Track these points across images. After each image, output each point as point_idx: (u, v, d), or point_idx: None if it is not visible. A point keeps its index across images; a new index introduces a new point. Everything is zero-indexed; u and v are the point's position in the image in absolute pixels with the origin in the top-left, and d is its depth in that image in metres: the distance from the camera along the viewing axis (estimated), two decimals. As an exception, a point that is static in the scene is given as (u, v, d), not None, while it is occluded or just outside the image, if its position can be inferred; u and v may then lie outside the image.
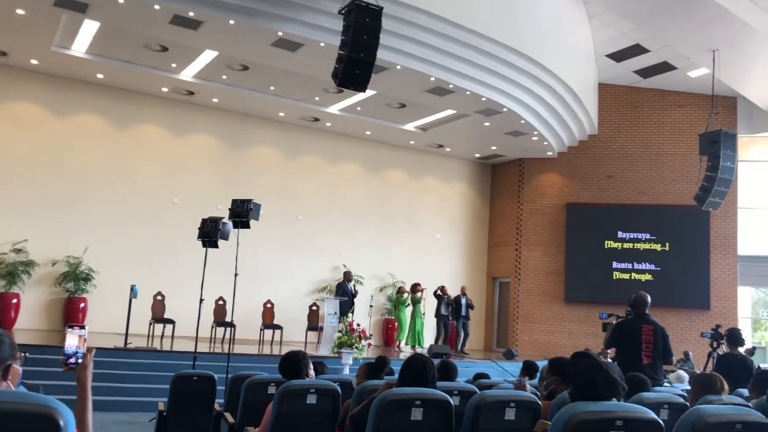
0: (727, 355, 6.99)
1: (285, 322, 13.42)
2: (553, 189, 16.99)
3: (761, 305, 16.96)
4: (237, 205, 8.89)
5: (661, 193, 15.97)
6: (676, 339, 13.46)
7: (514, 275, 17.14)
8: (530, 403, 3.72)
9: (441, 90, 12.33)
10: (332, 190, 15.75)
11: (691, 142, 14.68)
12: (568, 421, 2.42)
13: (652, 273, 15.72)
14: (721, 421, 2.61)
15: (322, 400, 4.21)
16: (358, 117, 14.62)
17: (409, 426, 3.36)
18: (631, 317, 6.42)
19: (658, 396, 4.09)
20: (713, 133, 11.85)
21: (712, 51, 12.54)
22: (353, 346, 10.62)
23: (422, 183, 17.20)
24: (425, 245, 16.99)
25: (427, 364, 3.70)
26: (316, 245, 15.30)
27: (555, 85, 13.22)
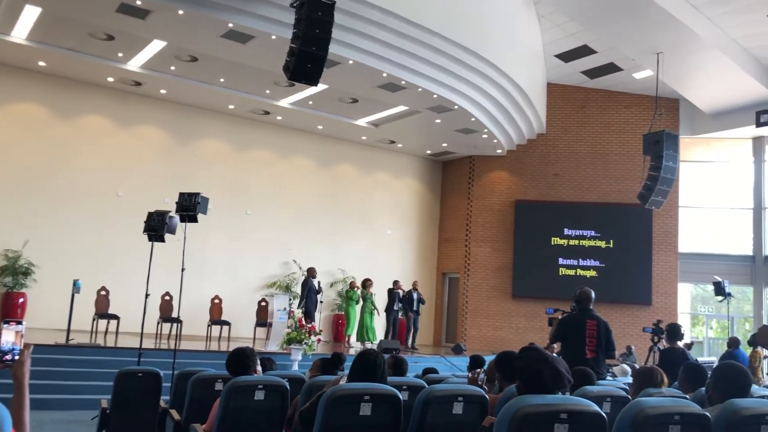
0: (668, 349, 7.21)
1: (233, 318, 13.26)
2: (502, 186, 17.23)
3: (700, 301, 17.56)
4: (184, 198, 8.72)
5: (607, 191, 16.37)
6: (619, 334, 13.82)
7: (463, 271, 17.32)
8: (478, 398, 3.77)
9: (393, 86, 12.35)
10: (282, 184, 15.62)
11: (636, 142, 15.09)
12: (514, 414, 2.46)
13: (597, 269, 16.11)
14: (660, 413, 2.69)
15: (271, 397, 4.18)
16: (310, 111, 14.52)
17: (358, 421, 3.36)
18: (575, 312, 6.56)
19: (602, 389, 4.18)
20: (656, 134, 12.19)
21: (657, 54, 12.90)
22: (302, 342, 10.56)
23: (374, 178, 17.22)
24: (376, 241, 17.02)
25: (378, 359, 3.70)
26: (265, 240, 15.15)
27: (505, 83, 13.39)
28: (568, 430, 2.51)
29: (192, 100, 14.16)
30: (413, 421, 3.64)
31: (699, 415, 2.79)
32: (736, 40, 13.08)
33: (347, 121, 15.15)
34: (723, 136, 16.17)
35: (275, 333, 11.78)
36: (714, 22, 12.38)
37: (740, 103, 14.94)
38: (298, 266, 15.34)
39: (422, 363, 10.70)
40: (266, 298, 13.94)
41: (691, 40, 12.32)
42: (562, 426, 2.51)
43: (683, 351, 7.07)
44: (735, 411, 2.92)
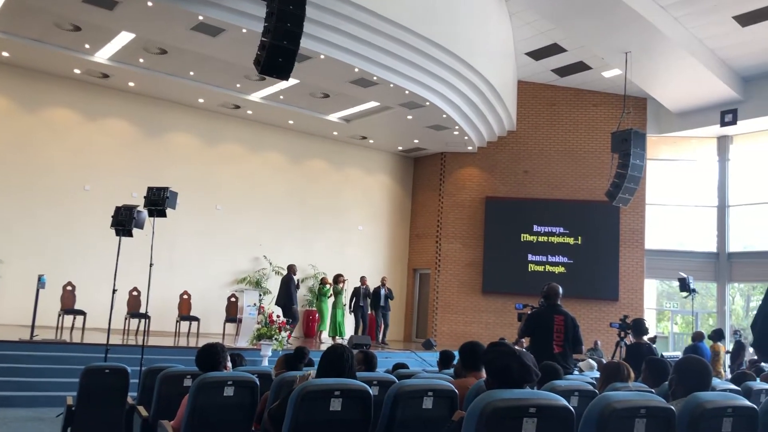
0: (634, 344, 7.34)
1: (202, 313, 13.15)
2: (472, 183, 17.33)
3: (665, 297, 17.89)
4: (153, 193, 8.61)
5: (575, 188, 16.56)
6: (587, 329, 14.04)
7: (434, 267, 17.40)
8: (447, 392, 3.79)
9: (365, 81, 12.33)
10: (253, 179, 15.51)
11: (604, 140, 15.29)
12: (483, 409, 2.48)
13: (565, 265, 16.30)
14: (626, 407, 2.73)
15: (240, 393, 4.15)
16: (281, 106, 14.43)
17: (328, 417, 3.36)
18: (543, 308, 6.63)
19: (569, 384, 4.24)
20: (624, 132, 12.37)
21: (625, 53, 13.08)
22: (273, 338, 10.50)
23: (345, 174, 17.18)
24: (347, 236, 17.00)
25: (345, 354, 3.70)
26: (235, 236, 15.04)
27: (476, 81, 13.45)
28: (536, 424, 2.54)
29: (161, 93, 13.97)
30: (383, 416, 3.65)
31: (664, 408, 2.85)
32: (702, 40, 13.32)
33: (318, 116, 15.09)
34: (689, 134, 16.48)
35: (245, 329, 11.71)
36: (681, 22, 12.59)
37: (705, 102, 15.23)
38: (269, 262, 15.27)
39: (392, 358, 10.73)
40: (236, 294, 13.83)
41: (659, 40, 12.52)
42: (531, 420, 2.54)
43: (649, 346, 7.20)
44: (698, 404, 2.99)
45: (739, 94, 14.81)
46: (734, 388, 4.63)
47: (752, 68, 14.49)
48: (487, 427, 2.45)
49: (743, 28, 12.61)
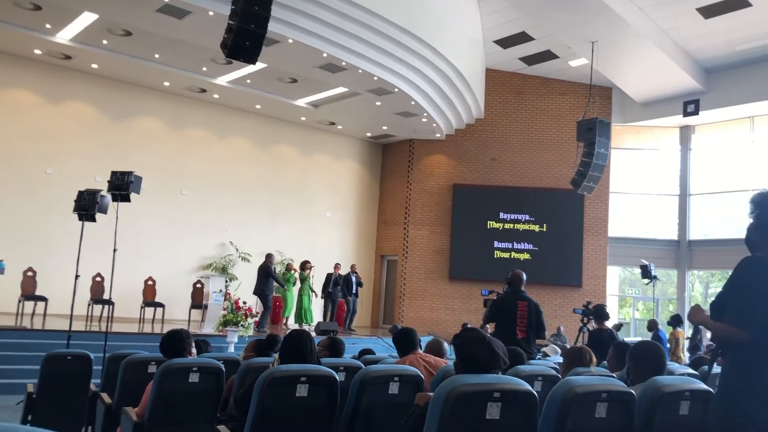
0: (596, 330, 7.48)
1: (167, 299, 13.00)
2: (440, 170, 17.40)
3: (627, 284, 18.24)
4: (117, 177, 8.46)
5: (541, 176, 16.74)
6: (551, 315, 14.26)
7: (401, 253, 17.46)
8: (413, 377, 3.82)
9: (333, 67, 12.26)
10: (219, 164, 15.34)
11: (570, 128, 15.45)
12: (449, 393, 2.51)
13: (530, 252, 16.50)
14: (588, 391, 2.79)
15: (205, 379, 4.13)
16: (248, 90, 14.28)
17: (293, 402, 3.36)
18: (507, 294, 6.71)
19: (533, 369, 4.31)
20: (590, 121, 12.52)
21: (592, 43, 13.21)
22: (239, 324, 10.46)
23: (313, 160, 17.10)
24: (315, 223, 16.96)
25: (305, 339, 3.70)
26: (201, 221, 14.88)
27: (445, 68, 13.47)
28: (500, 408, 2.58)
29: (125, 75, 13.70)
30: (349, 401, 3.67)
31: (624, 392, 2.92)
32: (667, 32, 13.52)
33: (286, 101, 14.96)
34: (652, 124, 16.75)
35: (211, 315, 11.64)
36: (646, 13, 12.75)
37: (669, 93, 15.48)
38: (235, 248, 15.16)
39: (359, 344, 10.77)
40: (202, 280, 13.72)
41: (624, 30, 12.67)
42: (495, 404, 2.57)
43: (611, 332, 7.34)
44: (657, 388, 3.07)
45: (702, 85, 15.09)
46: (692, 372, 4.75)
47: (714, 60, 14.77)
48: (453, 410, 2.48)
49: (706, 20, 12.83)
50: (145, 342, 9.64)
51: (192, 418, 4.14)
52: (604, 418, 2.83)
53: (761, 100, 14.61)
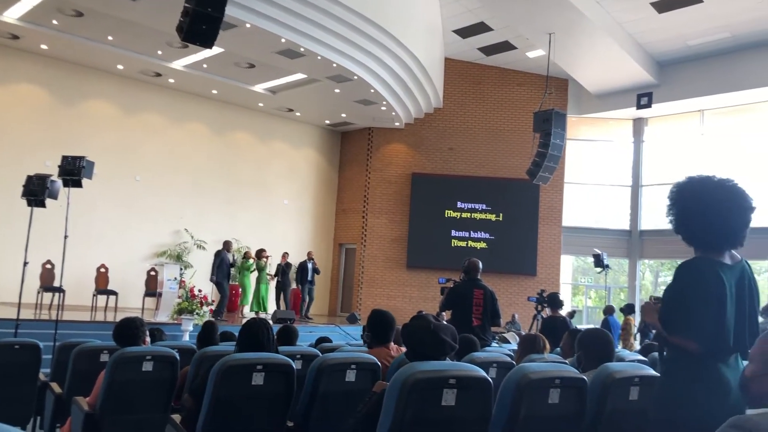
0: (550, 317, 7.61)
1: (120, 287, 12.74)
2: (399, 159, 17.43)
3: (580, 272, 18.61)
4: (68, 162, 8.25)
5: (498, 166, 16.92)
6: (506, 303, 14.46)
7: (360, 242, 17.47)
8: (370, 365, 3.84)
9: (292, 53, 12.13)
10: (174, 150, 15.07)
11: (527, 119, 15.64)
12: (405, 380, 2.52)
13: (487, 241, 16.69)
14: (542, 378, 2.84)
15: (159, 368, 4.08)
16: (204, 75, 14.03)
17: (250, 391, 3.34)
18: (464, 282, 6.78)
19: (488, 356, 4.36)
20: (546, 112, 12.68)
21: (549, 34, 13.36)
22: (194, 312, 10.34)
23: (271, 147, 16.94)
24: (272, 211, 16.82)
25: (264, 328, 3.68)
26: (156, 208, 14.61)
27: (404, 56, 13.46)
28: (456, 394, 2.61)
29: (77, 57, 13.32)
30: (306, 389, 3.67)
31: (577, 378, 2.98)
32: (622, 25, 13.76)
33: (243, 86, 14.76)
34: (606, 116, 17.06)
35: (165, 303, 11.48)
36: (602, 6, 12.95)
37: (623, 85, 15.79)
38: (190, 235, 14.94)
39: (317, 332, 10.76)
40: (156, 268, 13.49)
41: (581, 22, 12.85)
42: (451, 391, 2.60)
43: (564, 319, 7.47)
44: (609, 374, 3.14)
45: (655, 78, 15.43)
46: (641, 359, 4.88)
47: (667, 53, 15.10)
48: (409, 397, 2.50)
49: (660, 14, 13.09)
50: (98, 330, 9.45)
51: (145, 408, 4.08)
52: (557, 403, 2.89)
53: (711, 94, 15.02)
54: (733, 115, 15.83)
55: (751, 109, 15.45)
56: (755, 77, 14.25)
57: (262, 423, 3.46)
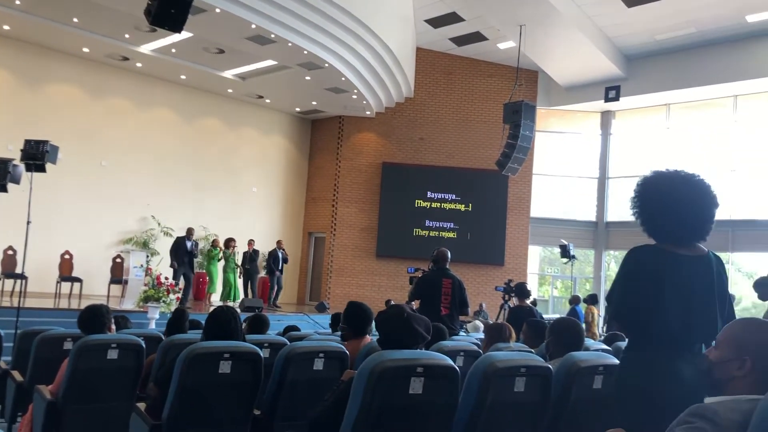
0: (517, 307, 7.69)
1: (85, 274, 12.56)
2: (370, 148, 17.40)
3: (547, 263, 18.83)
4: (31, 146, 8.08)
5: (468, 157, 17.00)
6: (474, 292, 14.57)
7: (329, 230, 17.43)
8: (338, 354, 3.84)
9: (262, 39, 12.01)
10: (141, 135, 14.82)
11: (497, 110, 15.70)
12: (373, 369, 2.53)
13: (456, 231, 16.79)
14: (508, 366, 2.87)
15: (125, 356, 4.03)
16: (173, 60, 13.81)
17: (216, 379, 3.32)
18: (433, 272, 6.82)
19: (456, 344, 4.40)
20: (516, 104, 12.76)
21: (520, 26, 13.42)
22: (160, 300, 10.22)
23: (240, 134, 16.77)
24: (241, 198, 16.68)
25: (232, 316, 3.66)
26: (122, 194, 14.37)
27: (376, 45, 13.42)
28: (423, 383, 2.63)
29: (41, 39, 12.99)
30: (273, 377, 3.66)
31: (542, 367, 3.02)
32: (592, 18, 13.89)
33: (213, 72, 14.57)
34: (575, 108, 17.24)
35: (131, 291, 11.35)
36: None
37: (592, 78, 15.96)
38: (157, 222, 14.76)
39: (285, 321, 10.74)
40: (122, 255, 13.31)
41: (552, 15, 12.93)
42: (418, 379, 2.62)
43: (530, 308, 7.56)
44: (573, 363, 3.19)
45: (623, 72, 15.62)
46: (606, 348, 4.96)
47: (635, 47, 15.30)
48: (377, 386, 2.51)
49: (629, 8, 13.24)
50: (61, 318, 9.29)
51: (109, 396, 4.04)
52: (523, 391, 2.92)
53: (677, 88, 15.27)
54: (698, 109, 16.12)
55: (716, 104, 15.76)
56: (720, 73, 14.52)
57: (229, 411, 3.44)
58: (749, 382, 1.87)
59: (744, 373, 1.88)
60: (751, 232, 14.09)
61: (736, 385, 1.89)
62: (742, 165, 15.17)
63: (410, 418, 2.67)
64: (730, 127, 15.51)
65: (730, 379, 1.91)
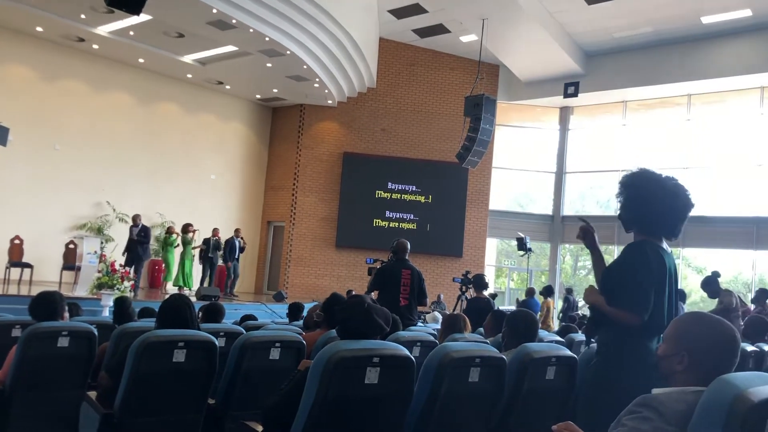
0: (474, 298, 7.76)
1: (36, 260, 12.24)
2: (331, 137, 17.33)
3: (504, 255, 19.07)
4: (-20, 127, 7.83)
5: (429, 149, 17.07)
6: (432, 283, 14.67)
7: (288, 219, 17.33)
8: (295, 343, 3.84)
9: (223, 24, 11.83)
10: (97, 119, 14.47)
11: (458, 103, 15.81)
12: (329, 358, 2.54)
13: (415, 222, 16.87)
14: (462, 356, 2.91)
15: (76, 344, 3.95)
16: (131, 42, 13.50)
17: (170, 367, 3.28)
18: (392, 262, 6.85)
19: (412, 335, 4.43)
20: (477, 97, 12.86)
21: (482, 20, 13.50)
22: (115, 287, 10.03)
23: (199, 120, 16.51)
24: (199, 185, 16.44)
25: (186, 304, 3.61)
26: (76, 178, 14.03)
27: (338, 33, 13.35)
28: (379, 373, 2.64)
29: (-9, 16, 12.58)
30: (228, 366, 3.64)
31: (496, 357, 3.07)
32: (553, 14, 14.05)
33: (172, 56, 14.29)
34: (535, 103, 17.45)
35: (84, 277, 11.10)
36: (535, -5, 13.19)
37: (552, 74, 16.17)
38: (112, 208, 14.46)
39: (242, 310, 10.66)
40: (75, 241, 13.01)
41: (514, 9, 13.04)
42: (374, 369, 2.63)
43: (488, 300, 7.64)
44: (527, 354, 3.25)
45: (582, 69, 15.86)
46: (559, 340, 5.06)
47: (594, 44, 15.54)
48: (333, 375, 2.52)
49: (589, 5, 13.44)
50: (10, 305, 9.05)
51: (60, 385, 3.96)
52: (477, 382, 2.96)
53: (633, 86, 15.57)
54: (653, 107, 16.48)
55: (670, 102, 16.13)
56: (675, 72, 14.86)
57: (183, 401, 3.41)
58: (690, 376, 1.93)
59: (683, 368, 1.95)
60: (702, 228, 14.49)
61: (678, 378, 1.96)
62: (695, 162, 15.58)
63: (365, 408, 2.69)
64: (683, 125, 15.90)
65: (673, 373, 1.97)
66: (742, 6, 12.99)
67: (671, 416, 1.81)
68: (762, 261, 15.30)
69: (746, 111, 15.20)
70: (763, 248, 14.75)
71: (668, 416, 1.81)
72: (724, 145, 15.61)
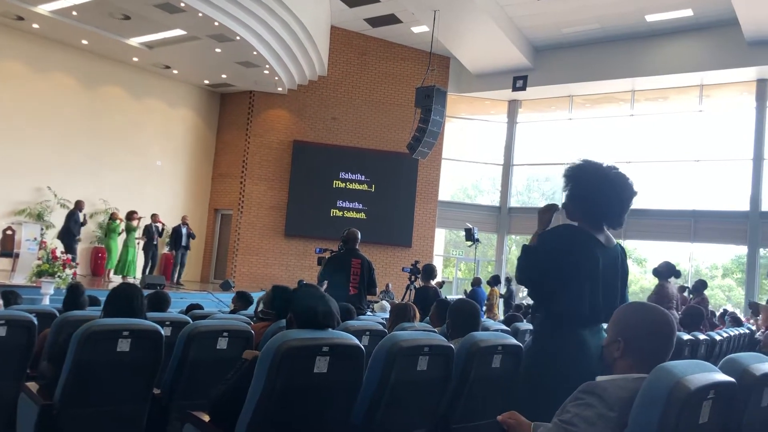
0: (422, 287, 7.84)
1: (-29, 247, 11.79)
2: (281, 125, 17.15)
3: (452, 245, 19.29)
4: None
5: (380, 139, 17.08)
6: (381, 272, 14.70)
7: (237, 208, 17.11)
8: (243, 333, 3.81)
9: (171, 7, 11.56)
10: (37, 102, 13.96)
11: (409, 94, 15.86)
12: (278, 348, 2.52)
13: (365, 212, 16.89)
14: (412, 345, 2.94)
15: (14, 333, 3.82)
16: (74, 23, 13.05)
17: (114, 357, 3.21)
18: (342, 252, 6.85)
19: (362, 324, 4.45)
20: (428, 88, 12.93)
21: (434, 11, 13.56)
22: (56, 275, 9.74)
23: (144, 105, 16.11)
24: (144, 172, 16.06)
25: (134, 293, 3.54)
26: (14, 163, 13.51)
27: (289, 20, 13.20)
28: (328, 362, 2.65)
29: None
30: (175, 356, 3.59)
31: (444, 346, 3.10)
32: (504, 8, 14.21)
33: (117, 38, 13.89)
34: (484, 96, 17.65)
35: (23, 264, 10.73)
36: (486, -12, 13.30)
37: (501, 67, 16.37)
38: (54, 194, 14.01)
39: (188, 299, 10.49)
40: (13, 227, 12.54)
41: (465, 1, 13.13)
42: (324, 359, 2.63)
43: (436, 290, 7.72)
44: (474, 342, 3.30)
45: (531, 63, 16.11)
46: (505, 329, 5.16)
47: (542, 39, 15.80)
48: (281, 365, 2.51)
49: (538, 0, 13.63)
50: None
51: (-4, 376, 3.83)
52: (425, 370, 3.00)
53: (580, 81, 15.91)
54: (599, 103, 16.88)
55: (615, 98, 16.54)
56: (620, 68, 15.24)
57: (127, 391, 3.34)
58: (628, 362, 2.00)
59: (620, 354, 2.01)
60: (643, 221, 14.94)
61: (618, 365, 2.03)
62: (638, 156, 16.02)
63: (314, 397, 2.69)
64: (627, 120, 16.33)
65: (613, 360, 2.04)
66: (684, 6, 13.40)
67: (614, 402, 1.87)
68: (699, 253, 15.88)
69: (686, 108, 15.72)
70: (700, 241, 15.32)
71: (611, 402, 1.87)
72: (664, 140, 16.11)
